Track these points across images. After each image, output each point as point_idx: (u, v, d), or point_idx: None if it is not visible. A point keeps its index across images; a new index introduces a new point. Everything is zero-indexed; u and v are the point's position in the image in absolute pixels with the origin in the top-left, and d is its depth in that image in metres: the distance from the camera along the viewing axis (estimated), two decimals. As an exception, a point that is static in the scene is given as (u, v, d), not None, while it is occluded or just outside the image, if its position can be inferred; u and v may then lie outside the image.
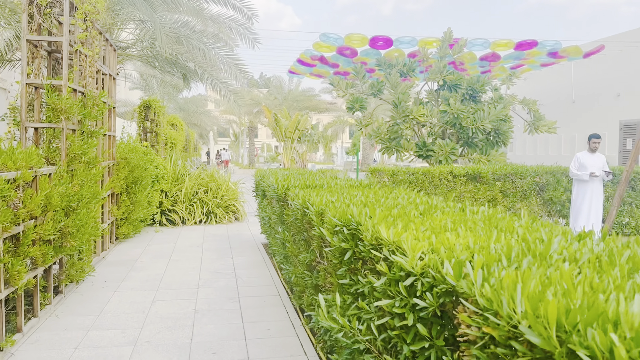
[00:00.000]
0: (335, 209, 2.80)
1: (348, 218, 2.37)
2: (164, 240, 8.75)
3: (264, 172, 7.34)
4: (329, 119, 48.30)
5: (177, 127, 25.20)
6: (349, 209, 2.45)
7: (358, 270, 2.28)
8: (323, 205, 2.99)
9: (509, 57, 16.28)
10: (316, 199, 3.21)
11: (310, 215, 3.15)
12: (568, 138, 19.23)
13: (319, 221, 2.93)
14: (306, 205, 3.35)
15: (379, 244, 2.00)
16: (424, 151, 11.52)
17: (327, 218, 2.57)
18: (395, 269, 1.72)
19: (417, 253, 1.62)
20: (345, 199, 3.12)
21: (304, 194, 3.59)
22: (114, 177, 7.78)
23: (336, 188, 4.28)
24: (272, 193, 4.91)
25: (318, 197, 3.31)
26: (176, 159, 11.40)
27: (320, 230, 2.89)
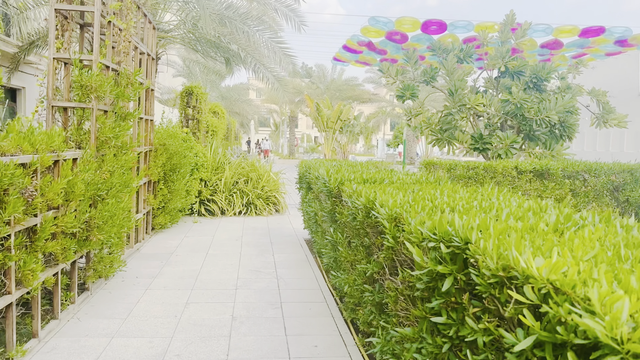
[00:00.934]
0: (415, 212, 2.12)
1: (447, 231, 1.68)
2: (202, 231, 8.26)
3: (309, 163, 6.70)
4: (371, 109, 47.31)
5: (219, 115, 24.92)
6: (444, 217, 1.75)
7: (463, 307, 1.60)
8: (399, 207, 2.31)
9: (571, 44, 15.01)
10: (386, 198, 2.53)
11: (378, 220, 2.47)
12: (632, 134, 17.76)
13: (392, 228, 2.25)
14: (372, 206, 2.67)
15: (510, 276, 1.30)
16: (481, 144, 10.61)
17: (412, 228, 1.88)
18: (562, 329, 1.03)
19: (622, 314, 0.92)
20: (426, 201, 2.42)
21: (366, 191, 2.91)
22: (151, 164, 7.31)
23: (400, 184, 3.58)
24: (322, 187, 4.26)
25: (386, 195, 2.63)
26: (217, 147, 10.93)
27: (393, 240, 2.22)
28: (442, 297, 1.67)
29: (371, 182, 3.75)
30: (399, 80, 11.72)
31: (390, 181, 3.75)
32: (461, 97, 10.17)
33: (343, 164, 5.74)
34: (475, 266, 1.49)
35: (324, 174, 4.19)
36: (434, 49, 11.55)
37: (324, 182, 4.09)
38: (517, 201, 2.43)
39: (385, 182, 3.72)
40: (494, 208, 2.18)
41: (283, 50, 10.86)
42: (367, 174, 4.10)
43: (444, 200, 2.44)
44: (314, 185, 5.33)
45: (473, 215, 1.80)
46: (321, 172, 4.36)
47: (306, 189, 6.70)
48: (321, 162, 6.30)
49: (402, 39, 14.79)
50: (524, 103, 9.76)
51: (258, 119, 55.62)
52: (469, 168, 7.71)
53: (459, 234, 1.61)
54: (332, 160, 6.95)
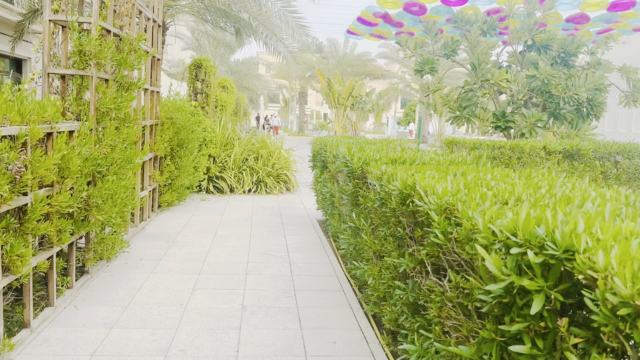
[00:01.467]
0: (476, 203, 1.70)
1: (534, 233, 1.27)
2: (210, 210, 7.91)
3: (325, 140, 6.27)
4: (382, 86, 46.48)
5: (228, 90, 24.41)
6: (527, 214, 1.33)
7: (556, 333, 1.20)
8: (450, 195, 1.89)
9: (598, 19, 14.24)
10: (429, 183, 2.11)
11: (420, 209, 2.06)
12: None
13: (442, 222, 1.84)
14: (410, 192, 2.26)
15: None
16: (503, 122, 10.09)
17: (480, 225, 1.46)
18: None
19: None
20: (481, 188, 2.00)
21: (402, 174, 2.49)
22: (157, 138, 6.92)
23: (435, 165, 3.15)
24: (342, 167, 3.84)
25: (428, 179, 2.21)
26: (226, 122, 10.51)
27: (443, 236, 1.80)
28: (524, 319, 1.27)
29: (400, 162, 3.32)
30: (418, 53, 11.16)
31: (422, 162, 3.33)
32: (484, 72, 9.62)
33: (363, 142, 5.31)
34: (586, 286, 1.08)
35: (345, 153, 3.76)
36: (455, 20, 10.93)
37: (345, 161, 3.67)
38: (596, 191, 2.01)
39: (416, 163, 3.30)
40: (574, 199, 1.77)
41: (296, 21, 10.33)
42: (393, 153, 3.67)
43: (501, 187, 2.02)
44: (331, 164, 4.91)
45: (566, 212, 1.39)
46: (341, 151, 3.93)
47: (321, 168, 6.29)
48: (339, 139, 5.87)
49: (420, 11, 14.10)
50: (552, 79, 9.20)
51: (267, 94, 54.99)
52: (494, 147, 7.24)
53: (554, 238, 1.21)
54: (349, 138, 6.51)
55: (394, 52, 32.12)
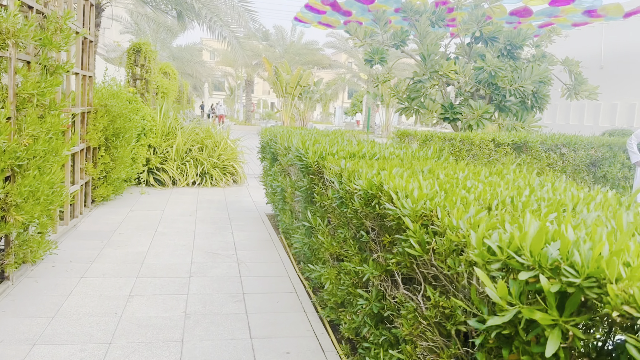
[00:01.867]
0: (459, 210, 1.46)
1: (544, 254, 1.03)
2: (150, 204, 7.40)
3: (274, 131, 5.94)
4: (329, 76, 46.36)
5: (170, 76, 23.44)
6: (540, 229, 1.08)
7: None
8: (428, 199, 1.64)
9: (541, 12, 14.62)
10: (400, 183, 1.86)
11: (388, 212, 1.80)
12: (592, 106, 17.84)
13: (419, 230, 1.58)
14: (377, 192, 2.00)
15: None
16: (451, 113, 10.11)
17: (474, 241, 1.21)
18: None
19: None
20: (458, 189, 1.77)
21: (367, 172, 2.23)
22: (90, 127, 6.34)
23: (396, 160, 2.92)
24: (295, 161, 3.55)
25: (400, 179, 1.95)
26: (167, 110, 9.93)
27: (420, 247, 1.56)
28: (531, 357, 1.04)
29: (359, 157, 3.07)
30: (367, 43, 10.98)
31: (383, 156, 3.09)
32: (433, 63, 9.56)
33: (316, 133, 5.03)
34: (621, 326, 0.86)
35: (299, 145, 3.47)
36: (404, 10, 10.83)
37: (299, 155, 3.38)
38: (580, 192, 1.83)
39: (376, 158, 3.06)
40: (565, 204, 1.57)
41: (243, 5, 9.86)
42: (351, 146, 3.42)
43: (479, 188, 1.80)
44: (282, 157, 4.60)
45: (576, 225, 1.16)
46: (295, 143, 3.63)
47: (270, 160, 5.96)
48: (290, 130, 5.56)
49: (368, 0, 13.94)
50: (499, 71, 9.27)
51: (212, 82, 53.57)
52: (445, 139, 7.16)
53: (573, 262, 0.98)
54: (300, 128, 6.21)
55: (341, 41, 31.98)
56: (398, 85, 11.45)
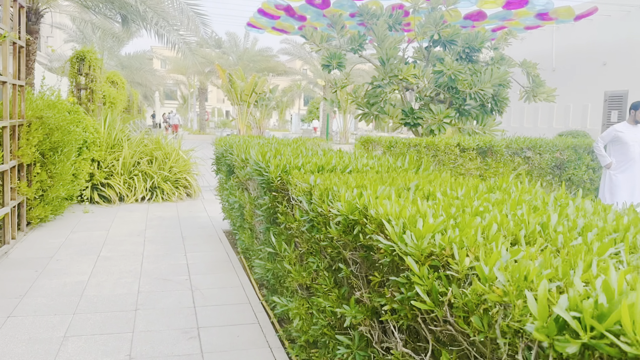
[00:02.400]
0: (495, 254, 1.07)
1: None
2: (93, 224, 6.74)
3: (230, 141, 5.46)
4: (285, 83, 45.99)
5: (118, 85, 22.42)
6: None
7: None
8: (438, 231, 1.24)
9: (494, 16, 14.75)
10: (397, 210, 1.45)
11: (387, 249, 1.40)
12: (546, 109, 18.16)
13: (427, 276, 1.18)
14: (364, 220, 1.59)
15: None
16: (412, 119, 9.89)
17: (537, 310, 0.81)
18: None
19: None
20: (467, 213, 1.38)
21: (345, 193, 1.81)
22: (22, 142, 5.67)
23: (372, 173, 2.53)
24: (255, 175, 3.10)
25: (392, 203, 1.54)
26: (113, 121, 9.23)
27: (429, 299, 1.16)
28: None
29: (329, 170, 2.66)
30: (324, 47, 10.64)
31: (356, 169, 2.69)
32: (392, 68, 9.31)
33: (276, 143, 4.59)
34: None
35: (258, 158, 3.02)
36: (361, 13, 10.55)
37: (259, 169, 2.93)
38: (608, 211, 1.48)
39: (348, 171, 2.65)
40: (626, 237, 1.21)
41: (192, 9, 9.31)
42: (317, 158, 3.00)
43: (494, 213, 1.42)
44: (240, 170, 4.14)
45: None
46: (253, 155, 3.19)
47: (227, 173, 5.47)
48: (246, 139, 5.09)
49: (323, 4, 13.63)
50: (458, 74, 9.11)
51: (164, 90, 52.25)
52: (409, 145, 6.86)
53: None
54: (257, 137, 5.77)
55: (296, 48, 31.67)
56: (357, 91, 11.16)
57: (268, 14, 15.88)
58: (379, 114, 10.73)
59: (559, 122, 17.72)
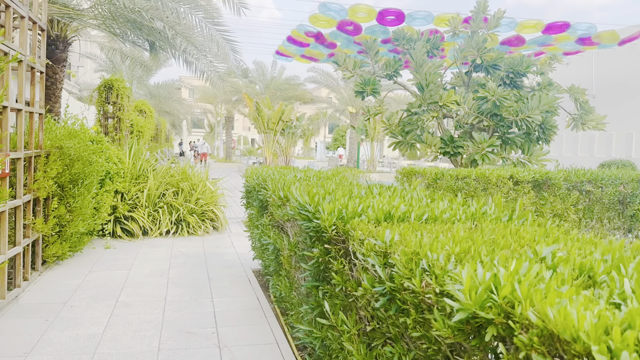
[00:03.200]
0: None
1: None
2: (114, 262, 6.25)
3: (263, 173, 4.93)
4: (311, 111, 45.96)
5: (146, 114, 22.48)
6: None
7: None
8: None
9: (533, 41, 14.16)
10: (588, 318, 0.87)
11: None
12: (586, 137, 17.29)
13: None
14: (504, 318, 1.00)
15: None
16: (451, 147, 9.26)
17: None
18: None
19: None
20: None
21: (467, 269, 1.22)
22: (39, 174, 5.25)
23: (460, 225, 1.93)
24: (299, 218, 2.54)
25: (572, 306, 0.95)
26: (138, 150, 8.86)
27: None
28: None
29: (400, 219, 2.08)
30: (357, 73, 10.17)
31: (433, 216, 2.10)
32: (432, 94, 8.75)
33: (315, 176, 4.04)
34: None
35: (304, 200, 2.47)
36: (396, 38, 10.09)
37: (307, 213, 2.37)
38: None
39: (425, 219, 2.07)
40: None
41: (222, 35, 8.98)
42: (377, 200, 2.42)
43: None
44: (276, 208, 3.58)
45: None
46: (296, 194, 2.63)
47: (258, 210, 4.92)
48: (281, 172, 4.56)
49: (355, 30, 13.29)
50: (503, 101, 8.49)
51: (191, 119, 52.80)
52: (457, 178, 6.23)
53: None
54: (292, 169, 5.23)
55: (323, 76, 31.53)
56: (390, 119, 10.63)
57: (297, 42, 15.63)
58: (414, 142, 10.16)
59: (600, 151, 16.80)
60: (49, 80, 11.14)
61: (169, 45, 8.81)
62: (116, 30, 9.76)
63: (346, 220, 2.09)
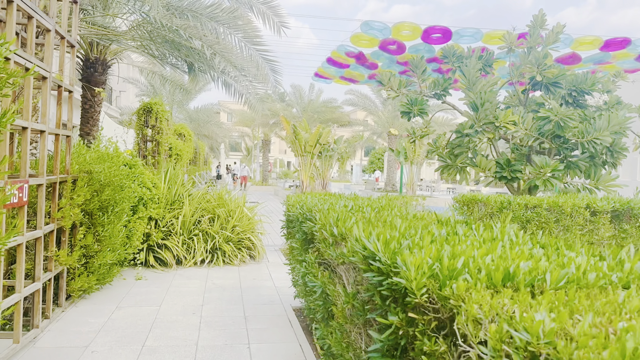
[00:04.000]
0: None
1: None
2: (144, 296, 5.75)
3: (307, 202, 4.35)
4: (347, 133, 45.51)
5: (185, 138, 22.48)
6: None
7: None
8: None
9: (590, 59, 13.25)
10: None
11: None
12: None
13: None
14: None
15: None
16: (508, 172, 8.47)
17: None
18: None
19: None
20: None
21: None
22: (64, 201, 4.83)
23: (627, 301, 1.28)
24: (372, 275, 1.92)
25: None
26: (174, 174, 8.46)
27: None
28: None
29: (527, 284, 1.44)
30: (403, 93, 9.57)
31: (575, 280, 1.46)
32: (487, 113, 8.04)
33: (371, 206, 3.43)
34: None
35: (375, 247, 1.86)
36: (446, 55, 9.46)
37: (381, 267, 1.76)
38: None
39: (561, 285, 1.43)
40: None
41: (261, 54, 8.58)
42: (480, 249, 1.78)
43: None
44: (327, 247, 2.98)
45: None
46: (360, 236, 2.03)
47: (302, 243, 4.33)
48: (328, 199, 3.97)
49: (398, 50, 12.74)
50: (568, 121, 7.70)
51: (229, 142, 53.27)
52: (527, 207, 5.49)
53: None
54: (339, 197, 4.63)
55: (360, 98, 31.10)
56: (438, 141, 9.95)
57: (337, 63, 15.21)
58: (464, 166, 9.42)
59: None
60: (87, 103, 11.01)
61: (207, 65, 8.45)
62: (154, 52, 9.53)
63: (442, 280, 1.47)
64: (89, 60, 10.75)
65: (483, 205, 5.73)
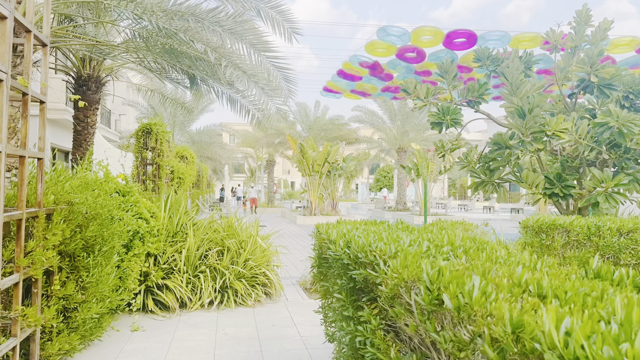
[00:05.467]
0: None
1: None
2: (140, 356, 4.61)
3: (354, 236, 3.23)
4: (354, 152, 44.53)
5: (188, 160, 21.43)
6: None
7: None
8: None
9: (624, 63, 12.24)
10: None
11: None
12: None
13: None
14: None
15: None
16: (559, 188, 7.36)
17: None
18: None
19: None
20: None
21: None
22: (34, 242, 3.73)
23: None
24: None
25: None
26: (176, 201, 7.37)
27: None
28: None
29: None
30: (430, 102, 8.52)
31: None
32: (537, 120, 6.96)
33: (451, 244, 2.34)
34: None
35: (552, 340, 0.79)
36: (479, 58, 8.42)
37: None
38: None
39: None
40: None
41: (272, 62, 7.55)
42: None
43: None
44: (423, 321, 1.87)
45: None
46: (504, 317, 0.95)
47: (348, 293, 3.21)
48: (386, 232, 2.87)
49: (417, 57, 11.75)
50: (631, 127, 6.61)
51: (232, 164, 52.34)
52: (620, 233, 4.37)
53: None
54: (398, 228, 3.52)
55: (367, 115, 30.15)
56: (469, 155, 8.86)
57: (349, 75, 14.23)
58: (501, 182, 8.32)
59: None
60: (80, 125, 10.00)
61: (211, 75, 7.42)
62: (152, 65, 8.53)
63: None
64: (82, 78, 9.78)
65: (565, 232, 4.60)
